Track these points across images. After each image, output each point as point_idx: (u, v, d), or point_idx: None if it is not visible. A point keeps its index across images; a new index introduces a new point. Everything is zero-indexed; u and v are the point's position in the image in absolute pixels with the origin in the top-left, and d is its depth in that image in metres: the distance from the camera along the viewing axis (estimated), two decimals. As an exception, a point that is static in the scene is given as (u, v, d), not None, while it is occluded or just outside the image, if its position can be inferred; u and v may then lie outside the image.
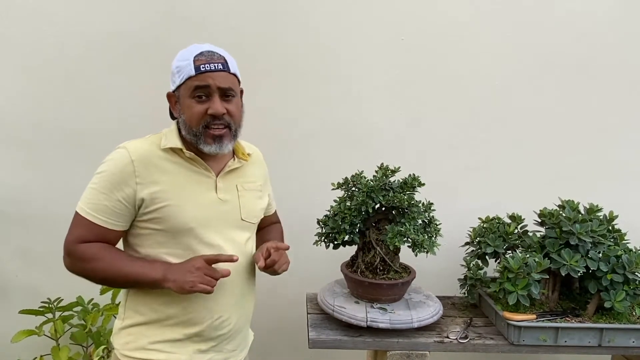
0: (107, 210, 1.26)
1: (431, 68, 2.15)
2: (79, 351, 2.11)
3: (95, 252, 1.27)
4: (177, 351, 1.33)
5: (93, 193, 1.27)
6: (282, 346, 2.30)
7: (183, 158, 1.32)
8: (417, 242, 1.65)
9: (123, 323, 1.36)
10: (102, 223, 1.26)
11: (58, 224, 2.14)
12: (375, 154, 2.01)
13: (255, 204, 1.44)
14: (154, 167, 1.27)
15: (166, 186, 1.27)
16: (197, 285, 1.22)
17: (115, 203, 1.25)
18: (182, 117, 1.31)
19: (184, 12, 2.06)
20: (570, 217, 1.76)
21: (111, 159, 1.27)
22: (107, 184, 1.25)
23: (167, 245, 1.30)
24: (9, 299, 2.20)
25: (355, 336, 1.67)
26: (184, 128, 1.31)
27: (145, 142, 1.31)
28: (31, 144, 2.11)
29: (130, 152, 1.26)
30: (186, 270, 1.24)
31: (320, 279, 2.01)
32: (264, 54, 2.10)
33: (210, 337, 1.36)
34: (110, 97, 2.10)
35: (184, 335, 1.33)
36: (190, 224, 1.28)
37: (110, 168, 1.26)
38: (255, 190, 1.45)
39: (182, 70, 1.27)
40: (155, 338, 1.32)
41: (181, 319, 1.32)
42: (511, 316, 1.67)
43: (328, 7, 2.09)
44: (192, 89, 1.27)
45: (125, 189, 1.25)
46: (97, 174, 1.28)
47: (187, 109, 1.28)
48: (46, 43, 2.04)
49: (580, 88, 2.19)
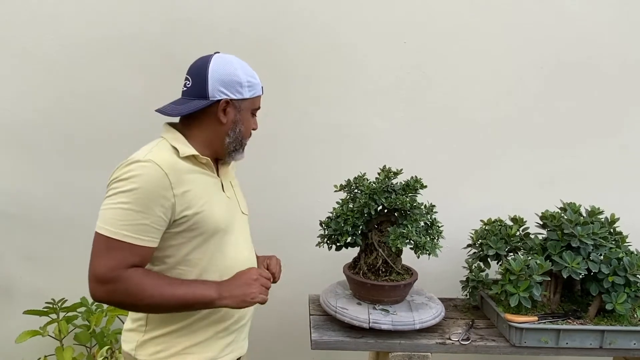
0: (148, 229, 1.19)
1: (433, 70, 2.16)
2: (83, 352, 2.12)
3: (142, 276, 1.20)
4: (206, 350, 1.35)
5: (127, 213, 1.17)
6: (285, 347, 2.31)
7: (196, 164, 1.32)
8: (419, 244, 1.66)
9: (147, 335, 1.33)
10: (144, 243, 1.20)
11: (62, 226, 2.18)
12: (378, 156, 2.02)
13: (243, 198, 1.53)
14: (182, 177, 1.26)
15: (196, 193, 1.28)
16: (258, 296, 1.29)
17: (156, 219, 1.20)
18: (238, 126, 1.36)
19: (185, 15, 2.07)
20: (572, 219, 1.77)
21: (140, 174, 1.19)
22: (144, 201, 1.18)
23: (196, 251, 1.30)
24: (13, 300, 2.22)
25: (358, 337, 1.68)
26: (234, 137, 1.36)
27: (163, 153, 1.27)
28: (35, 147, 2.13)
29: (161, 165, 1.21)
30: (243, 283, 1.30)
31: (322, 280, 2.01)
32: (265, 56, 2.11)
33: (233, 330, 1.40)
34: (113, 100, 2.11)
35: (213, 332, 1.36)
36: (221, 225, 1.32)
37: (144, 184, 1.18)
38: (238, 185, 1.54)
39: (254, 87, 1.36)
40: (188, 343, 1.33)
41: (211, 318, 1.34)
42: (513, 318, 1.67)
43: (330, 10, 2.10)
44: (256, 107, 1.40)
45: (165, 203, 1.21)
46: (123, 192, 1.18)
47: (246, 123, 1.38)
48: (49, 46, 2.06)
49: (582, 89, 2.19)
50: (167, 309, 1.25)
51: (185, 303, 1.23)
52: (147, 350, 1.33)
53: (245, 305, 1.28)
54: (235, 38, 2.07)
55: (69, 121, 2.11)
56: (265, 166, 2.15)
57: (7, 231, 2.17)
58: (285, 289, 2.21)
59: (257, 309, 1.57)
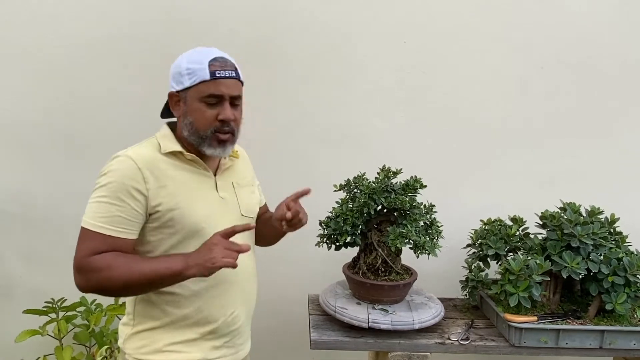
0: (122, 221, 1.23)
1: (433, 70, 2.16)
2: (82, 351, 2.12)
3: (109, 260, 1.21)
4: (192, 350, 1.34)
5: (102, 206, 1.23)
6: (284, 347, 2.30)
7: (183, 161, 1.32)
8: (419, 244, 1.66)
9: (134, 329, 1.36)
10: (118, 234, 1.23)
11: (62, 225, 2.18)
12: (377, 155, 2.01)
13: (250, 199, 1.49)
14: (159, 172, 1.27)
15: (174, 189, 1.28)
16: (220, 259, 1.19)
17: (129, 212, 1.23)
18: (187, 118, 1.31)
19: (185, 15, 2.07)
20: (572, 219, 1.77)
21: (115, 169, 1.24)
22: (117, 194, 1.22)
23: (178, 248, 1.30)
24: (13, 299, 2.22)
25: (357, 337, 1.68)
26: (188, 130, 1.31)
27: (144, 148, 1.30)
28: (35, 146, 2.13)
29: (135, 160, 1.25)
30: (206, 249, 1.22)
31: (322, 280, 2.01)
32: (265, 56, 2.11)
33: (224, 333, 1.39)
34: (112, 99, 2.11)
35: (199, 334, 1.35)
36: (202, 224, 1.30)
37: (118, 178, 1.23)
38: (248, 186, 1.50)
39: (195, 73, 1.27)
40: (171, 340, 1.33)
41: (195, 318, 1.34)
42: (512, 318, 1.67)
43: (330, 10, 2.10)
44: (205, 94, 1.27)
45: (138, 196, 1.23)
46: (101, 186, 1.24)
47: (196, 112, 1.29)
48: (48, 46, 2.06)
49: (582, 89, 2.19)
50: (140, 287, 1.26)
51: (154, 279, 1.22)
52: (133, 345, 1.35)
53: (209, 271, 1.20)
54: (235, 38, 2.07)
55: (69, 121, 2.11)
56: (264, 166, 2.15)
57: (7, 230, 2.17)
58: (284, 289, 2.22)
59: (258, 310, 1.57)
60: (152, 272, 1.21)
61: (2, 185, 2.15)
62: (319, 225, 1.81)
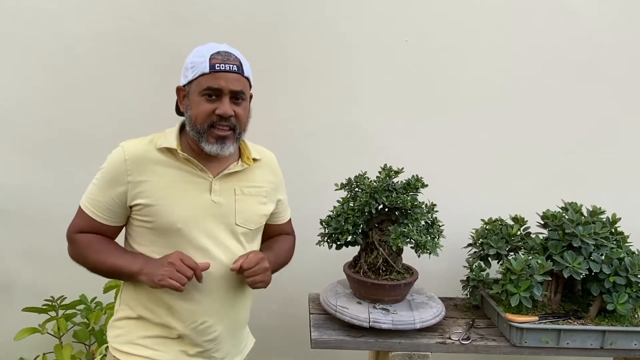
0: (101, 206, 1.31)
1: (434, 69, 2.16)
2: (82, 349, 2.12)
3: (88, 241, 1.33)
4: (164, 350, 1.33)
5: (93, 189, 1.33)
6: (284, 346, 2.30)
7: (178, 159, 1.31)
8: (420, 243, 1.66)
9: (116, 315, 1.39)
10: (97, 218, 1.32)
11: (61, 223, 2.15)
12: (379, 155, 2.01)
13: (255, 210, 1.39)
14: (146, 167, 1.28)
15: (156, 185, 1.28)
16: (166, 279, 1.21)
17: (109, 200, 1.30)
18: (188, 112, 1.30)
19: (188, 12, 2.06)
20: (573, 219, 1.76)
21: (110, 157, 1.32)
22: (103, 182, 1.31)
23: (156, 244, 1.31)
24: (12, 297, 2.21)
25: (358, 336, 1.68)
26: (189, 124, 1.31)
27: (143, 142, 1.33)
28: (34, 144, 2.12)
29: (125, 151, 1.29)
30: (160, 264, 1.24)
31: (322, 279, 2.01)
32: (266, 55, 2.10)
33: (196, 342, 1.34)
34: (113, 97, 2.10)
35: (170, 334, 1.33)
36: (177, 224, 1.28)
37: (107, 166, 1.31)
38: (258, 196, 1.41)
39: (197, 66, 1.26)
40: (144, 333, 1.33)
41: (165, 319, 1.32)
42: (513, 318, 1.67)
43: (331, 8, 2.10)
44: (204, 87, 1.26)
45: (118, 187, 1.29)
46: (99, 169, 1.33)
47: (195, 106, 1.28)
48: (49, 44, 2.05)
49: (583, 89, 2.19)
50: (105, 274, 1.34)
51: (113, 271, 1.31)
52: (113, 332, 1.39)
53: (154, 285, 1.23)
54: (236, 35, 2.07)
55: (69, 118, 2.11)
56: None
57: (6, 228, 2.17)
58: (285, 288, 2.21)
59: (258, 309, 1.56)
60: (113, 265, 1.30)
61: (2, 183, 2.14)
62: (320, 224, 1.81)
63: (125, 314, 1.37)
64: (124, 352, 1.33)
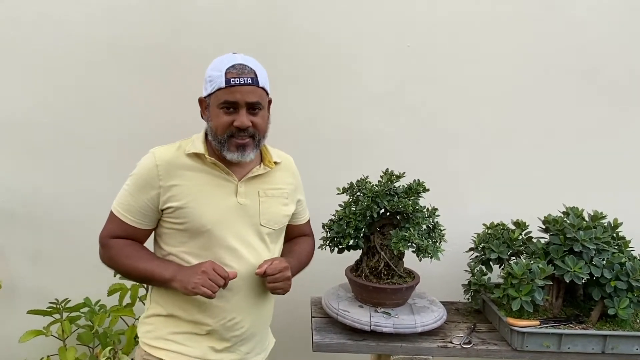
0: (134, 211, 1.37)
1: (437, 74, 2.17)
2: (86, 352, 2.13)
3: (120, 247, 1.38)
4: (193, 345, 1.39)
5: (124, 194, 1.38)
6: (286, 349, 2.30)
7: (206, 163, 1.38)
8: (422, 247, 1.66)
9: (147, 313, 1.46)
10: (130, 222, 1.37)
11: (67, 226, 2.20)
12: (380, 159, 2.02)
13: (278, 210, 1.46)
14: (176, 172, 1.35)
15: (186, 189, 1.35)
16: (199, 287, 1.27)
17: (141, 204, 1.36)
18: (209, 123, 1.38)
19: (192, 18, 2.08)
20: (575, 223, 1.76)
21: (141, 163, 1.38)
22: (135, 187, 1.36)
23: (187, 245, 1.37)
24: (17, 299, 2.23)
25: (359, 340, 1.68)
26: (211, 134, 1.38)
27: (172, 148, 1.39)
28: (41, 147, 2.14)
29: (156, 157, 1.36)
30: (193, 272, 1.30)
31: (324, 282, 2.02)
32: (269, 60, 2.10)
33: (224, 338, 1.41)
34: (118, 100, 2.12)
35: (200, 330, 1.39)
36: (207, 226, 1.34)
37: (139, 171, 1.37)
38: (280, 197, 1.48)
39: (214, 80, 1.32)
40: (174, 329, 1.40)
41: (196, 316, 1.38)
42: (515, 322, 1.67)
43: (336, 14, 2.11)
44: (221, 101, 1.32)
45: (151, 192, 1.35)
46: (130, 176, 1.39)
47: (214, 118, 1.35)
48: (55, 47, 2.07)
49: (586, 94, 2.19)
50: (136, 278, 1.43)
51: (145, 277, 1.38)
52: (143, 328, 1.45)
53: (187, 293, 1.29)
54: (239, 42, 2.08)
55: (75, 121, 2.13)
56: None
57: (12, 230, 2.19)
58: (289, 297, 2.22)
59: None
60: (144, 270, 1.35)
61: (8, 186, 2.16)
62: (322, 228, 1.82)
63: (155, 311, 1.43)
64: (154, 347, 1.40)
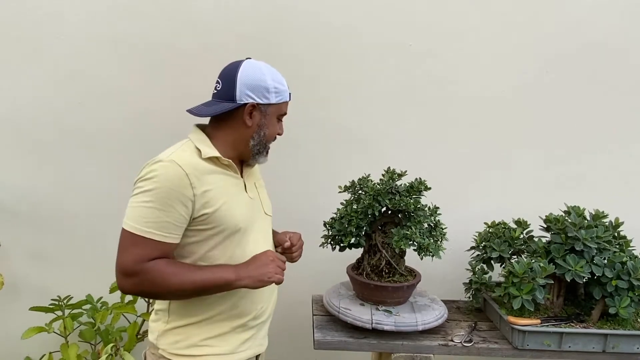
0: (169, 226, 1.26)
1: (438, 73, 2.17)
2: (87, 349, 2.14)
3: (162, 267, 1.26)
4: (223, 344, 1.40)
5: (149, 212, 1.24)
6: (287, 347, 2.31)
7: (218, 165, 1.37)
8: (423, 246, 1.67)
9: (168, 325, 1.39)
10: (165, 239, 1.26)
11: (69, 223, 2.20)
12: (382, 157, 2.02)
13: (268, 199, 1.57)
14: (203, 177, 1.31)
15: (216, 193, 1.32)
16: (275, 276, 1.35)
17: (177, 217, 1.26)
18: (263, 130, 1.41)
19: (194, 16, 2.08)
20: (576, 223, 1.77)
21: (161, 174, 1.25)
22: (165, 200, 1.24)
23: (219, 248, 1.35)
24: (19, 296, 2.24)
25: (360, 338, 1.69)
26: (258, 140, 1.41)
27: (185, 153, 1.32)
28: (43, 145, 2.15)
29: (182, 166, 1.27)
30: (261, 264, 1.35)
31: (326, 280, 2.02)
32: (271, 58, 2.11)
33: (252, 327, 1.44)
34: (121, 98, 2.13)
35: (231, 327, 1.40)
36: (240, 225, 1.36)
37: (165, 183, 1.24)
38: (264, 187, 1.58)
39: (281, 93, 1.41)
40: (206, 335, 1.38)
41: (230, 313, 1.40)
42: (515, 320, 1.68)
43: (336, 12, 2.11)
44: (283, 112, 1.45)
45: (185, 202, 1.26)
46: (146, 191, 1.25)
47: (271, 126, 1.42)
48: (57, 45, 2.08)
49: (587, 94, 2.19)
50: (190, 294, 1.32)
51: (204, 287, 1.29)
52: (168, 340, 1.39)
53: (262, 284, 1.34)
54: (242, 41, 2.08)
55: (77, 119, 2.13)
56: (269, 167, 2.16)
57: (15, 228, 2.19)
58: (288, 289, 2.22)
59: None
60: (202, 281, 1.28)
61: (10, 184, 2.17)
62: (323, 226, 1.82)
63: (182, 322, 1.38)
64: (186, 356, 1.37)
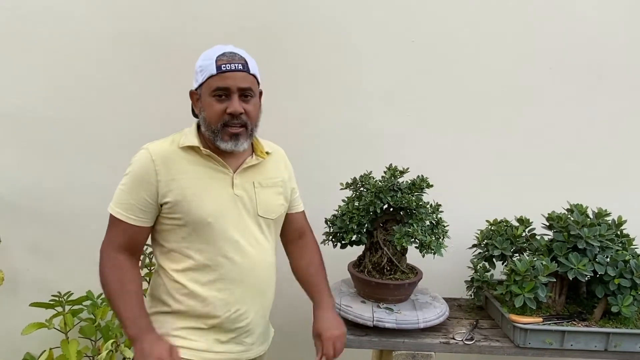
0: (134, 208, 1.33)
1: (441, 70, 2.16)
2: (88, 345, 2.14)
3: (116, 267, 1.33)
4: (198, 339, 1.39)
5: (121, 194, 1.35)
6: (288, 344, 2.31)
7: (201, 156, 1.37)
8: (425, 243, 1.66)
9: (150, 310, 1.42)
10: (130, 220, 1.34)
11: (70, 219, 2.20)
12: (384, 155, 2.01)
13: (274, 200, 1.47)
14: (173, 165, 1.34)
15: (184, 182, 1.33)
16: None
17: (140, 200, 1.33)
18: (202, 114, 1.36)
19: (197, 13, 2.08)
20: (579, 221, 1.76)
21: (135, 160, 1.35)
22: (132, 184, 1.33)
23: (189, 240, 1.36)
24: (20, 292, 2.23)
25: (361, 335, 1.68)
26: (204, 125, 1.37)
27: (165, 142, 1.38)
28: (43, 141, 2.14)
29: (151, 152, 1.33)
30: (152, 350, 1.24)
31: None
32: (273, 55, 2.11)
33: (229, 329, 1.41)
34: (124, 95, 2.12)
35: (205, 324, 1.39)
36: (208, 219, 1.34)
37: (134, 169, 1.34)
38: (274, 187, 1.48)
39: (205, 69, 1.32)
40: (178, 325, 1.39)
41: (200, 311, 1.38)
42: (517, 319, 1.67)
43: (339, 9, 2.10)
44: (213, 88, 1.31)
45: (149, 187, 1.32)
46: (124, 175, 1.36)
47: (207, 107, 1.34)
48: (61, 42, 2.07)
49: (590, 91, 2.18)
50: (109, 304, 1.36)
51: (117, 313, 1.32)
52: None
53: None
54: (243, 37, 2.07)
55: (78, 116, 2.13)
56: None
57: (15, 224, 2.19)
58: (289, 286, 2.22)
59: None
60: (117, 311, 1.31)
61: (11, 179, 2.16)
62: (325, 224, 1.82)
63: (158, 309, 1.41)
64: None
